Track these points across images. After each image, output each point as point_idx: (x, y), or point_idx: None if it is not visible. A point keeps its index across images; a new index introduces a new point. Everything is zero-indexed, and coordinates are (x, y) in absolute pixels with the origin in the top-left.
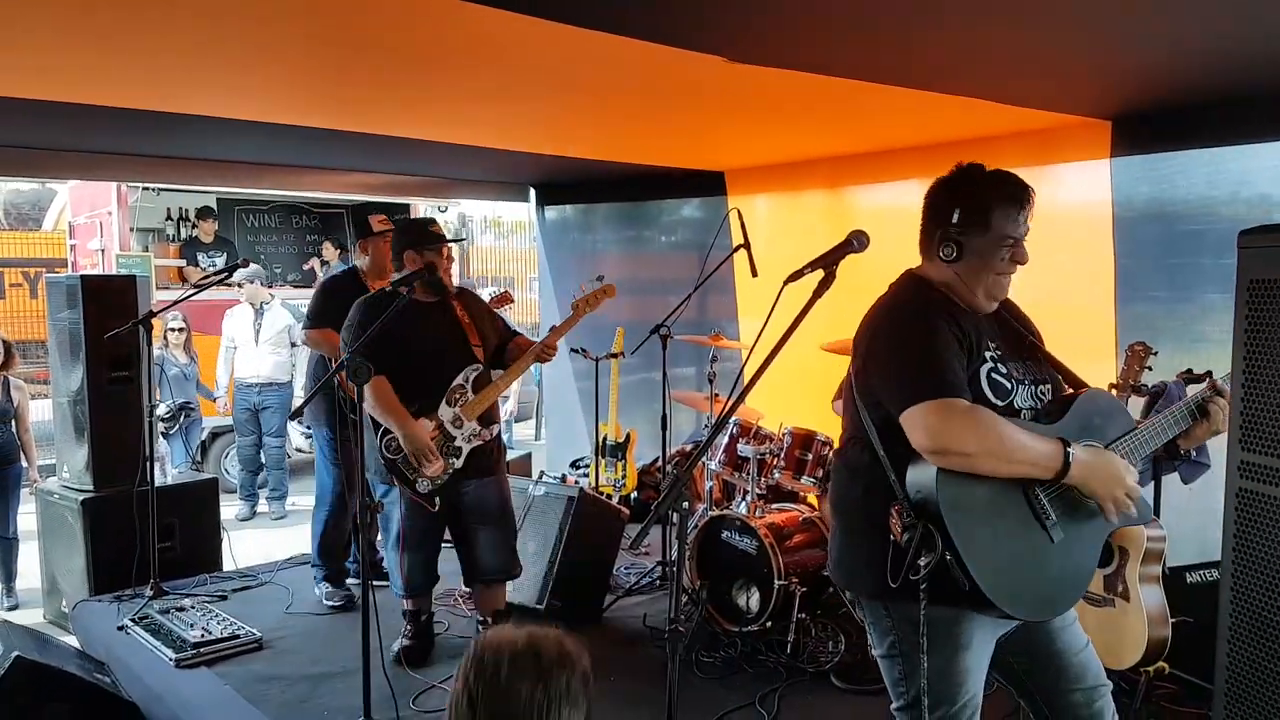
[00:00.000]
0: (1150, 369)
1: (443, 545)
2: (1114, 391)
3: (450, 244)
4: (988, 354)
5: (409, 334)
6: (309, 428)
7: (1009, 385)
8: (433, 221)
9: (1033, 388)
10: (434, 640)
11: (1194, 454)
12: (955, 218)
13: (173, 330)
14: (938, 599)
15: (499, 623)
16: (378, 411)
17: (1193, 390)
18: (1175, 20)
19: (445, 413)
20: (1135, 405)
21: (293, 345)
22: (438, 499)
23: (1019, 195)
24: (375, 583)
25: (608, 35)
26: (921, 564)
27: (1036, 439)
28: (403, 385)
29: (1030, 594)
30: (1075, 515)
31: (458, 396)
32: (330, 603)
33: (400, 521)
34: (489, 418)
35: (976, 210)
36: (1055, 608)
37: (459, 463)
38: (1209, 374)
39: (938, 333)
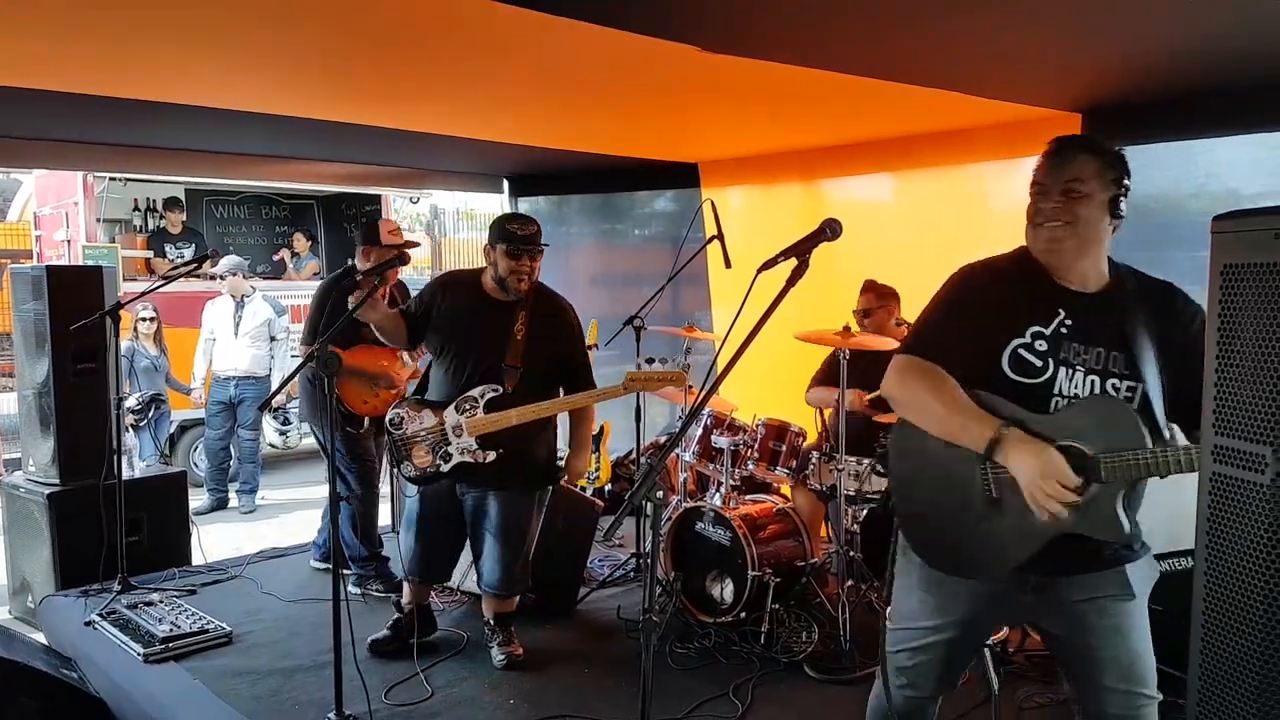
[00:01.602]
0: None
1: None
2: None
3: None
4: (1032, 329)
5: (467, 324)
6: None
7: (1040, 364)
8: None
9: (1095, 379)
10: (412, 633)
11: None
12: None
13: (143, 320)
14: None
15: (500, 627)
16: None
17: None
18: (1145, 13)
19: (450, 416)
20: None
21: (273, 339)
22: (417, 489)
23: (1049, 150)
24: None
25: (582, 23)
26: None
27: (971, 415)
28: (439, 369)
29: (942, 548)
30: (1018, 493)
31: (467, 407)
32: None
33: (414, 505)
34: (495, 441)
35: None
36: (968, 570)
37: (446, 467)
38: None
39: (957, 296)
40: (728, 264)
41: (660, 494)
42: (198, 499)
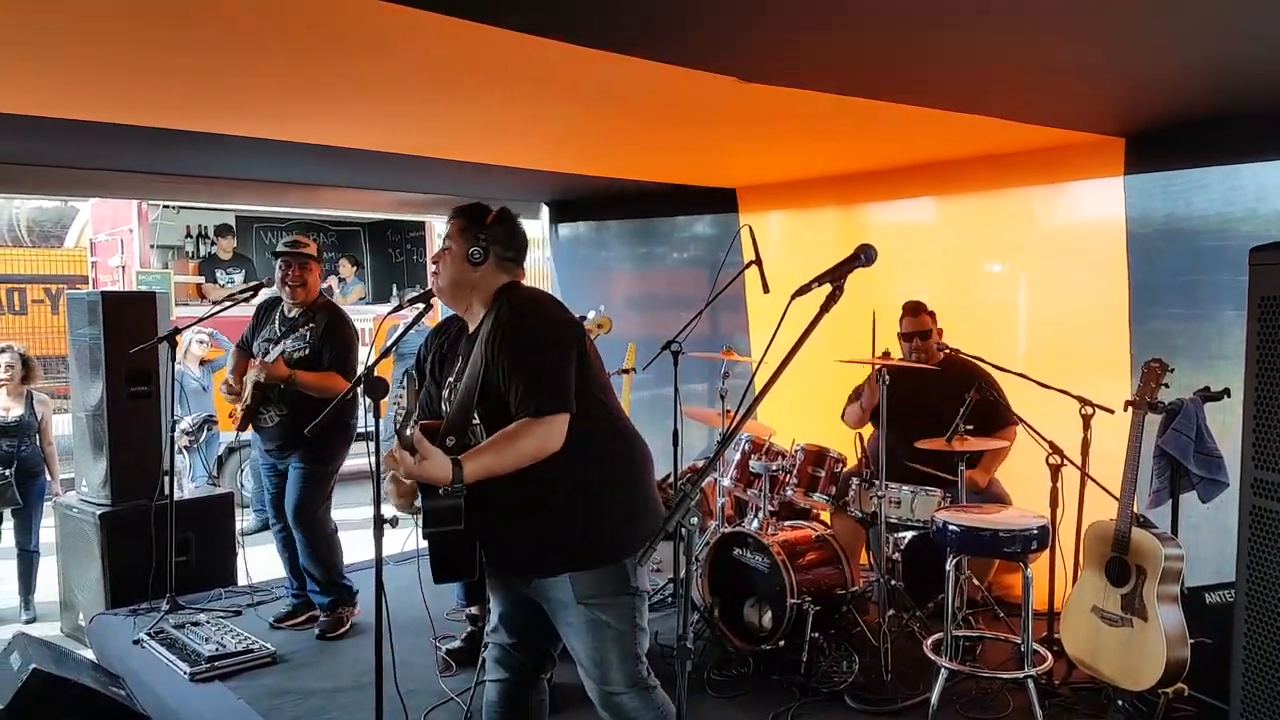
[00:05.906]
0: (1167, 386)
1: None
2: (1130, 409)
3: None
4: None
5: (445, 360)
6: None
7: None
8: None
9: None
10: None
11: (1211, 471)
12: None
13: (199, 343)
14: None
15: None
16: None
17: (1209, 408)
18: (1189, 37)
19: None
20: (1152, 422)
21: None
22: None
23: None
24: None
25: (623, 56)
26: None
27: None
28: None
29: None
30: None
31: None
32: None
33: None
34: None
35: None
36: None
37: (419, 503)
38: (1226, 391)
39: None
40: (766, 289)
41: (695, 520)
42: (244, 519)
